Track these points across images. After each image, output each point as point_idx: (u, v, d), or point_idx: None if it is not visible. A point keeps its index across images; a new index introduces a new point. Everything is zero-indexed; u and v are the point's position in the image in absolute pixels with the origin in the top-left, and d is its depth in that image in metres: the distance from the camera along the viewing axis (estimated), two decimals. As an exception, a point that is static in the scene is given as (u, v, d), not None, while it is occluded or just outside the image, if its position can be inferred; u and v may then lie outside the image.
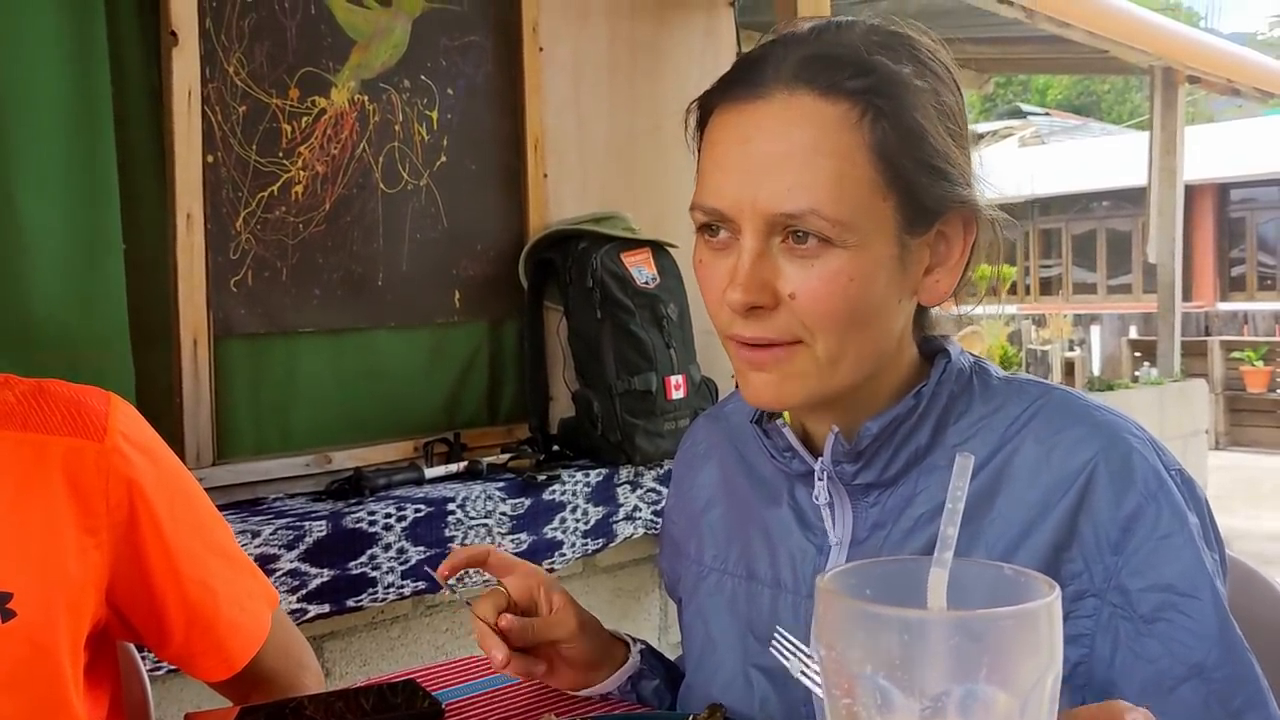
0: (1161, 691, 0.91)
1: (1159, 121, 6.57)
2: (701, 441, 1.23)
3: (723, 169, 0.95)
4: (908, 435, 1.00)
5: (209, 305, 2.40)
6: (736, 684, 1.08)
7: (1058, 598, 0.56)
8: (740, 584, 1.11)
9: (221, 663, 1.21)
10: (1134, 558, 0.93)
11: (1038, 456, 0.97)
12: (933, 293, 1.01)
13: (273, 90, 2.50)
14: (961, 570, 0.59)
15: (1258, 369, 12.20)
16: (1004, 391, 1.02)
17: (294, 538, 2.21)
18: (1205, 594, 0.92)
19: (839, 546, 1.03)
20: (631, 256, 2.88)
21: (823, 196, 0.91)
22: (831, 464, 1.01)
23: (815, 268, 0.93)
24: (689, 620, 1.18)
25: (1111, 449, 0.96)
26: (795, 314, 0.94)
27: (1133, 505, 0.94)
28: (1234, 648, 0.92)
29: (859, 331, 0.95)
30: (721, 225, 0.97)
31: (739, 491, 1.14)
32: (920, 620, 0.54)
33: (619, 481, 2.81)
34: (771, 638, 1.06)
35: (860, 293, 0.94)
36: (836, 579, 0.59)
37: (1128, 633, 0.92)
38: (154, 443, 1.19)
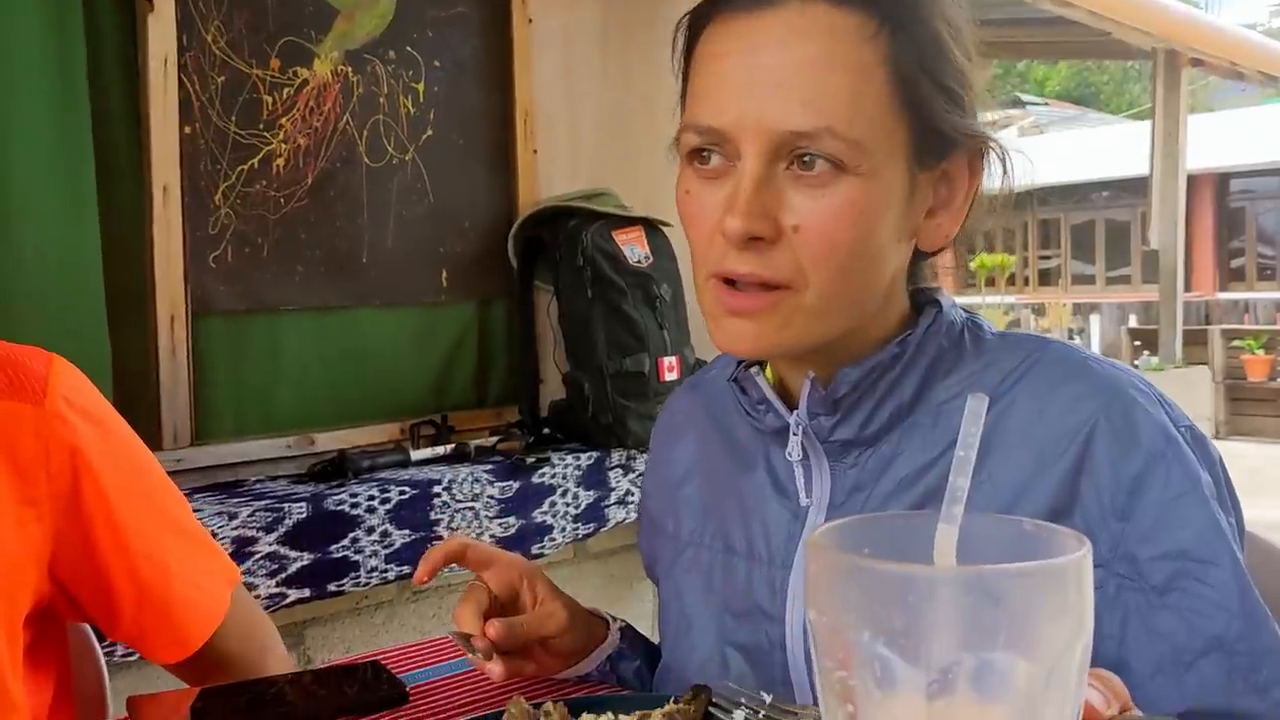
0: (1179, 668, 0.83)
1: (1161, 106, 6.50)
2: (679, 413, 1.16)
3: (724, 83, 0.87)
4: (890, 387, 0.92)
5: (186, 281, 2.32)
6: (713, 663, 1.01)
7: (1088, 554, 0.48)
8: (717, 558, 1.03)
9: (176, 643, 1.13)
10: (1142, 522, 0.85)
11: (1032, 414, 0.89)
12: (933, 237, 0.93)
13: (253, 60, 2.42)
14: (974, 526, 0.52)
15: (1259, 357, 12.13)
16: (997, 346, 0.95)
17: (273, 520, 2.14)
18: (1224, 559, 0.84)
19: (815, 509, 0.95)
20: (623, 234, 2.80)
21: (837, 114, 0.83)
22: (808, 417, 0.93)
23: (825, 197, 0.85)
24: (665, 598, 1.10)
25: (1114, 404, 0.88)
26: (795, 251, 0.86)
27: (1139, 465, 0.86)
28: (1257, 618, 0.84)
29: (856, 275, 0.88)
30: (716, 149, 0.88)
31: (716, 462, 1.06)
32: (928, 577, 0.46)
33: (611, 465, 2.74)
34: (748, 613, 0.98)
35: (868, 227, 0.86)
36: (828, 535, 0.51)
37: (1139, 606, 0.85)
38: (100, 408, 1.11)
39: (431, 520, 2.37)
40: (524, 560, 1.07)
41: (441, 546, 1.03)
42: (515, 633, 0.98)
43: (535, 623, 1.01)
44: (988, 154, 0.93)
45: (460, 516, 2.42)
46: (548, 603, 1.04)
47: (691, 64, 0.92)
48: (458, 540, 1.04)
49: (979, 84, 0.92)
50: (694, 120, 0.89)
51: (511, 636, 0.97)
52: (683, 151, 0.91)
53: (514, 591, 1.04)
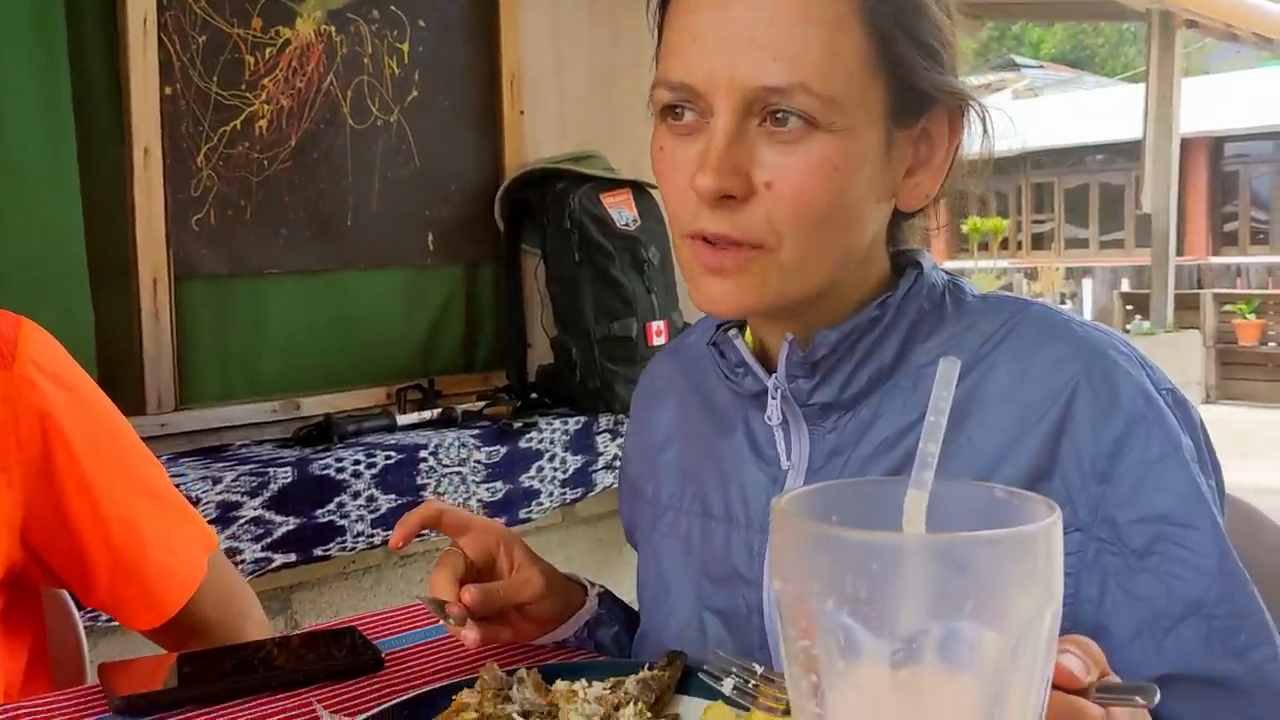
0: (1157, 632, 0.82)
1: (1156, 68, 6.46)
2: (660, 378, 1.14)
3: (696, 39, 0.84)
4: (870, 350, 0.90)
5: (169, 244, 2.30)
6: (691, 628, 1.00)
7: (1058, 521, 0.47)
8: (695, 522, 1.02)
9: (151, 609, 1.12)
10: (1122, 486, 0.84)
11: (1013, 376, 0.88)
12: (912, 196, 0.91)
13: (234, 19, 2.38)
14: (944, 492, 0.50)
15: (1250, 321, 12.14)
16: (978, 309, 0.93)
17: (258, 484, 2.13)
18: (1204, 523, 0.83)
19: (794, 472, 0.94)
20: (611, 197, 2.77)
21: (811, 70, 0.81)
22: (786, 380, 0.92)
23: (797, 154, 0.83)
24: (644, 563, 1.09)
25: (1094, 366, 0.87)
26: (767, 209, 0.84)
27: (1119, 428, 0.85)
28: (1236, 581, 0.83)
29: (831, 233, 0.86)
30: (689, 106, 0.86)
31: (695, 426, 1.05)
32: (893, 545, 0.45)
33: (598, 430, 2.73)
34: (726, 578, 0.97)
35: (842, 185, 0.84)
36: (795, 501, 0.50)
37: (1118, 570, 0.84)
38: (71, 372, 1.10)
39: (418, 485, 2.36)
40: (501, 526, 1.06)
41: (417, 512, 1.01)
42: (491, 599, 0.97)
43: (511, 589, 1.00)
44: (968, 112, 0.91)
45: (447, 481, 2.41)
46: (524, 569, 1.02)
47: (665, 19, 0.90)
48: (434, 505, 1.02)
49: (960, 42, 0.90)
50: (666, 76, 0.87)
51: (487, 603, 0.96)
52: (656, 108, 0.89)
53: (490, 557, 1.03)
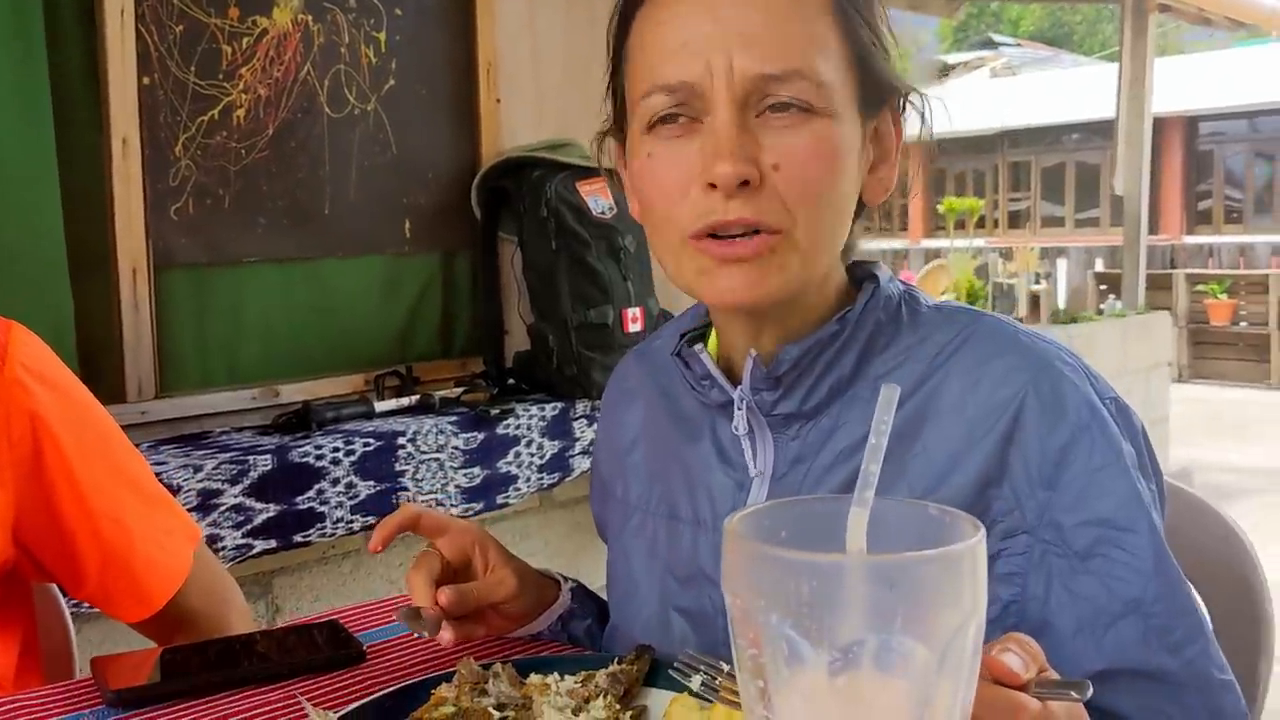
0: (1098, 628, 0.87)
1: (1128, 51, 6.50)
2: (629, 378, 1.18)
3: (685, 41, 0.88)
4: (830, 363, 0.95)
5: (148, 234, 2.32)
6: (657, 626, 1.04)
7: (982, 540, 0.51)
8: (662, 524, 1.06)
9: (139, 602, 1.16)
10: (1067, 492, 0.89)
11: (964, 387, 0.92)
12: (875, 190, 0.97)
13: (211, 9, 2.40)
14: (884, 510, 0.55)
15: (1221, 302, 12.26)
16: (932, 320, 0.97)
17: (238, 472, 2.16)
18: (1142, 527, 0.88)
19: (760, 479, 0.98)
20: (587, 185, 2.80)
21: (804, 59, 0.87)
22: (751, 392, 0.96)
23: (800, 135, 0.87)
24: (614, 560, 1.13)
25: (1041, 378, 0.91)
26: (779, 190, 0.87)
27: (1065, 437, 0.89)
28: (1171, 581, 0.88)
29: (833, 215, 0.91)
30: (682, 109, 0.89)
31: (662, 430, 1.09)
32: (831, 564, 0.49)
33: (575, 415, 2.76)
34: (692, 578, 1.01)
35: (839, 167, 0.90)
36: (746, 521, 0.54)
37: (1062, 570, 0.89)
38: (59, 373, 1.13)
39: (396, 471, 2.40)
40: (477, 527, 1.10)
41: (395, 516, 1.05)
42: (466, 599, 1.01)
43: (486, 589, 1.04)
44: (906, 105, 0.96)
45: (425, 468, 2.45)
46: (498, 569, 1.06)
47: (631, 42, 0.94)
48: (411, 508, 1.06)
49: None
50: (661, 78, 0.89)
51: (462, 603, 1.00)
52: (641, 122, 0.91)
53: (466, 558, 1.07)
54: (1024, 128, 16.68)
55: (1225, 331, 12.27)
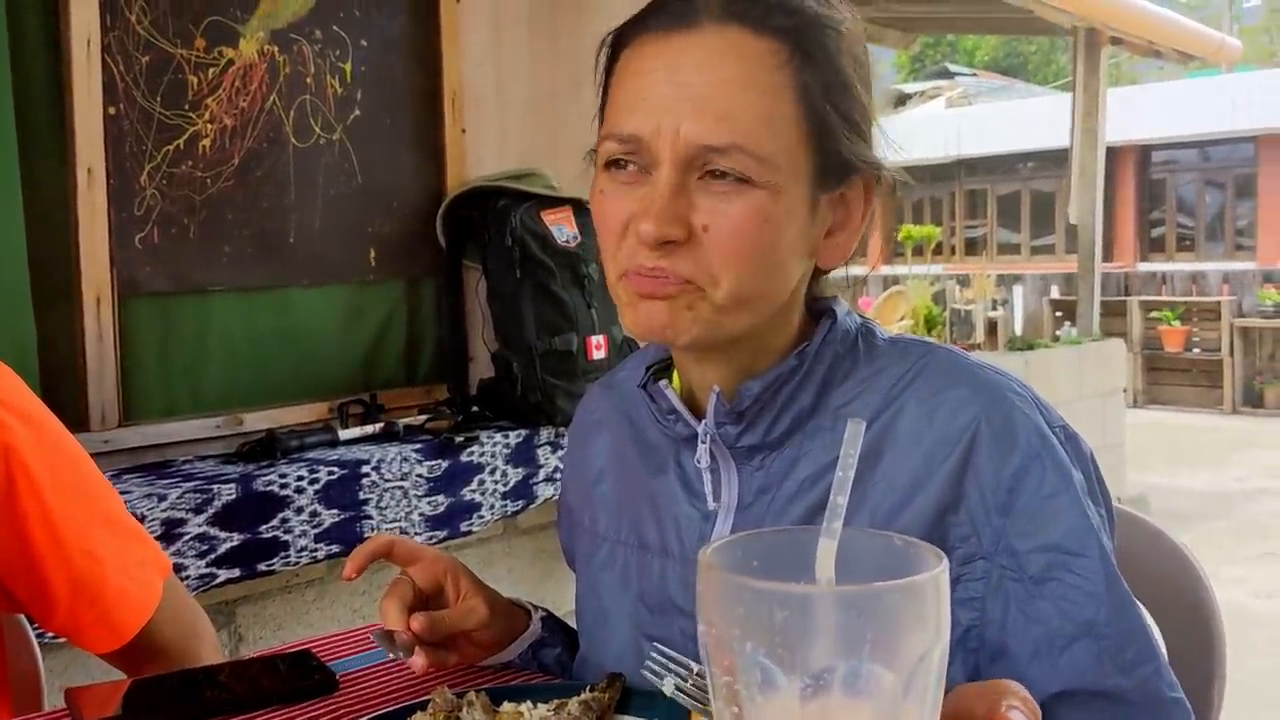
0: (1054, 650, 0.90)
1: (1081, 83, 6.62)
2: (594, 411, 1.20)
3: (645, 98, 0.92)
4: (790, 396, 0.98)
5: (113, 263, 2.32)
6: (628, 654, 1.06)
7: (945, 570, 0.53)
8: (632, 554, 1.08)
9: (110, 633, 1.17)
10: (1021, 518, 0.92)
11: (920, 418, 0.96)
12: (831, 255, 0.99)
13: (177, 40, 2.41)
14: (851, 540, 0.57)
15: (1175, 328, 12.46)
16: (888, 353, 1.01)
17: (202, 501, 2.16)
18: (1093, 552, 0.91)
19: (724, 511, 1.01)
20: (552, 214, 2.83)
21: (750, 133, 0.89)
22: (714, 426, 0.99)
23: (733, 203, 0.90)
24: (583, 592, 1.15)
25: (993, 409, 0.95)
26: (704, 250, 0.91)
27: (1017, 465, 0.93)
28: (1123, 603, 0.92)
29: (760, 278, 0.93)
30: (633, 158, 0.93)
31: (628, 461, 1.11)
32: (801, 595, 0.52)
33: (539, 443, 2.78)
34: (663, 608, 1.03)
35: (772, 236, 0.92)
36: (720, 552, 0.56)
37: (1018, 594, 0.92)
38: (33, 407, 1.14)
39: (360, 500, 2.40)
40: (449, 556, 1.12)
41: (368, 544, 1.07)
42: (438, 627, 1.03)
43: (457, 617, 1.06)
44: (881, 181, 0.98)
45: (389, 496, 2.45)
46: (470, 598, 1.08)
47: (613, 80, 0.97)
48: (384, 537, 1.08)
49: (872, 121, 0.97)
50: (616, 129, 0.93)
51: (434, 630, 1.02)
52: (601, 160, 0.96)
53: (438, 586, 1.08)
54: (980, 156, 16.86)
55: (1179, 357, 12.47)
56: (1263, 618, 5.06)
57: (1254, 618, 5.02)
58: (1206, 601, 1.25)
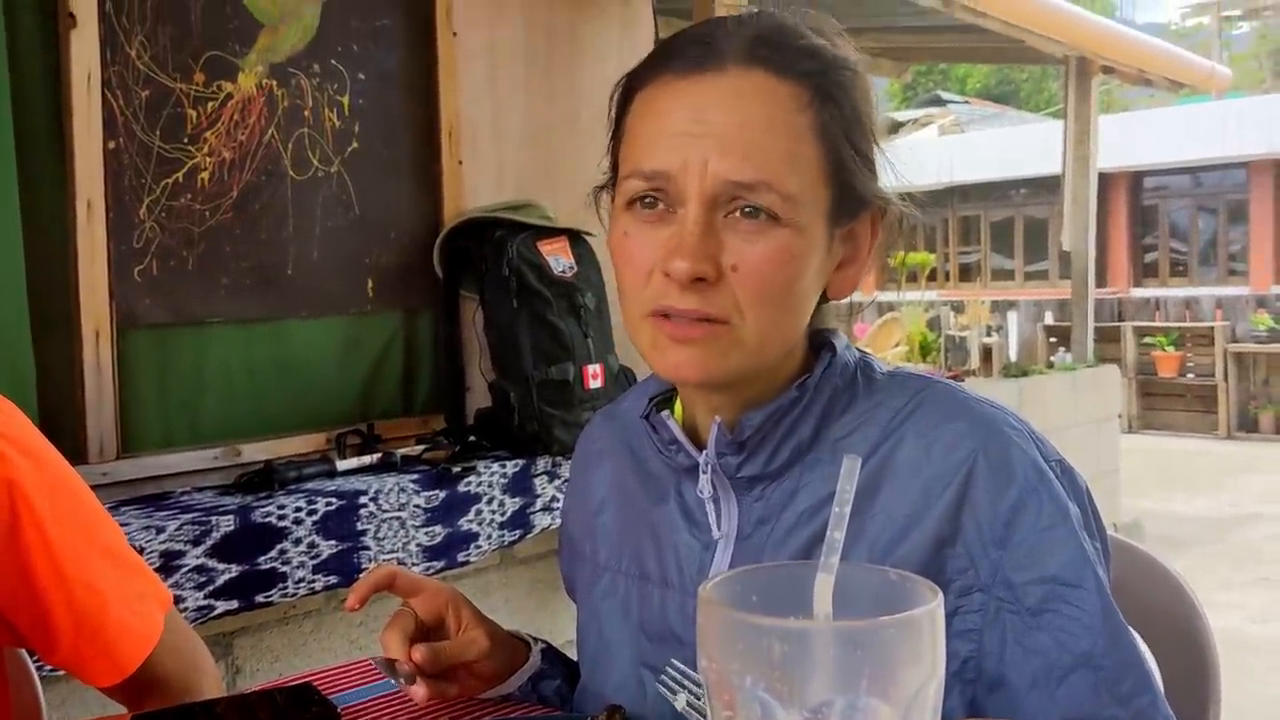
0: (1051, 682, 0.91)
1: (1073, 111, 6.67)
2: (596, 440, 1.22)
3: (672, 135, 0.93)
4: (790, 428, 0.99)
5: (112, 295, 2.34)
6: (629, 685, 1.07)
7: (940, 604, 0.55)
8: (633, 584, 1.09)
9: (112, 667, 1.17)
10: (1018, 551, 0.93)
11: (918, 451, 0.97)
12: (840, 287, 1.01)
13: (177, 74, 2.43)
14: (847, 575, 0.58)
15: (1169, 354, 12.50)
16: (886, 386, 1.02)
17: (200, 533, 2.16)
18: (1089, 584, 0.92)
19: (724, 541, 1.02)
20: (548, 245, 2.85)
21: (776, 171, 0.91)
22: (715, 456, 1.00)
23: (760, 243, 0.92)
24: (584, 621, 1.16)
25: (990, 442, 0.96)
26: (733, 288, 0.93)
27: (1014, 498, 0.94)
28: (1119, 635, 0.92)
29: (784, 315, 0.96)
30: (659, 196, 0.94)
31: (630, 490, 1.13)
32: (800, 630, 0.53)
33: (536, 472, 2.79)
34: (663, 638, 1.04)
35: (797, 273, 0.94)
36: (719, 588, 0.57)
37: (1015, 626, 0.93)
38: (35, 441, 1.14)
39: (358, 531, 2.41)
40: (450, 588, 1.13)
41: (371, 575, 1.08)
42: (439, 658, 1.04)
43: (458, 649, 1.07)
44: (888, 214, 1.00)
45: (387, 526, 2.46)
46: (470, 629, 1.09)
47: (629, 121, 0.99)
48: (387, 568, 1.09)
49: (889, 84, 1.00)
50: (640, 166, 0.95)
51: (435, 661, 1.03)
52: (623, 199, 0.97)
53: (440, 617, 1.09)
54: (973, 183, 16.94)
55: (1173, 383, 12.50)
56: (1259, 643, 5.06)
57: (1250, 643, 5.02)
58: (1201, 630, 1.26)
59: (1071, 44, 6.07)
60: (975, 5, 4.98)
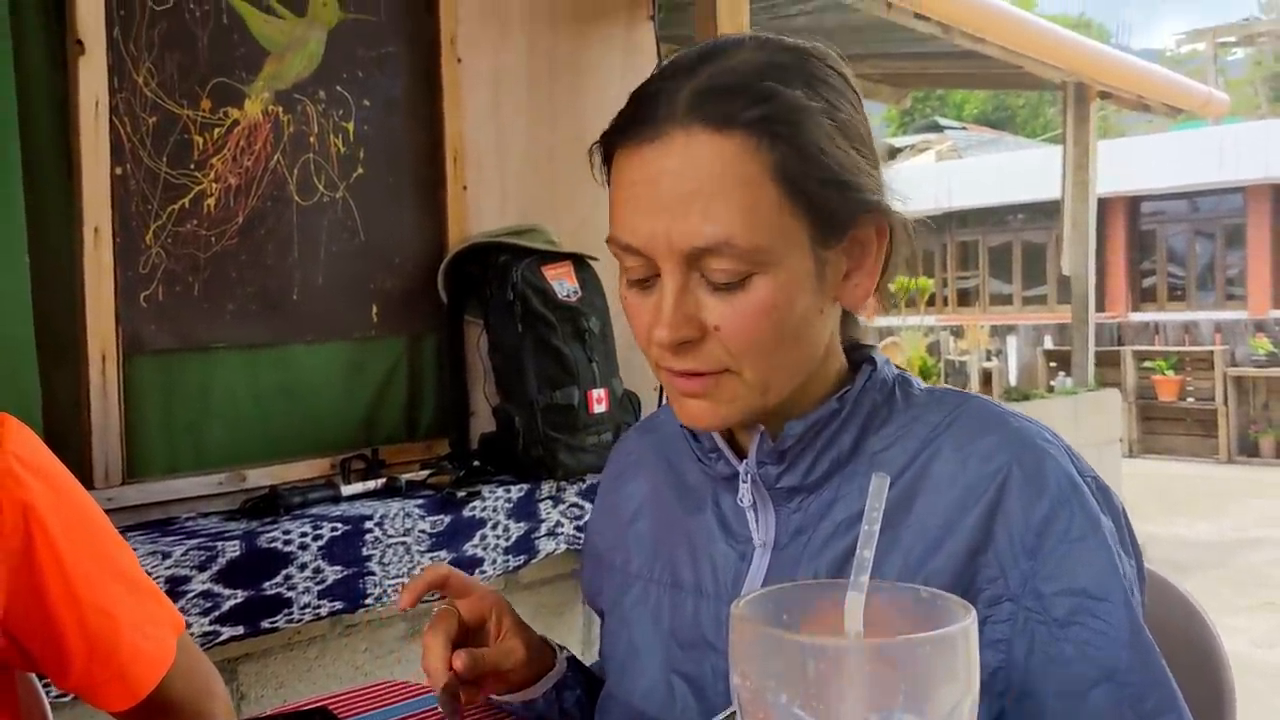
0: (1076, 696, 0.91)
1: (1072, 136, 6.70)
2: (631, 453, 1.23)
3: (634, 209, 0.94)
4: (830, 440, 1.00)
5: (118, 321, 2.34)
6: (659, 691, 1.07)
7: (974, 621, 0.54)
8: (665, 592, 1.10)
9: (125, 691, 1.16)
10: (1048, 562, 0.93)
11: (954, 463, 0.97)
12: (853, 296, 1.01)
13: (184, 101, 2.44)
14: (879, 593, 0.58)
15: (1169, 378, 12.51)
16: (924, 401, 1.03)
17: (206, 558, 2.16)
18: (1117, 597, 0.92)
19: (762, 549, 1.03)
20: (553, 269, 2.85)
21: (736, 226, 0.91)
22: (756, 466, 1.02)
23: (738, 301, 0.93)
24: (613, 629, 1.16)
25: (1025, 455, 0.96)
26: (722, 343, 0.94)
27: (1046, 510, 0.94)
28: (1146, 652, 0.92)
29: (786, 353, 0.96)
30: (638, 266, 0.96)
31: (666, 501, 1.14)
32: (835, 647, 0.53)
33: (541, 497, 2.78)
34: (695, 644, 1.04)
35: (783, 317, 0.94)
36: (752, 605, 0.57)
37: (1042, 637, 0.92)
38: (51, 465, 1.14)
39: (364, 556, 2.40)
40: (496, 593, 1.14)
41: (425, 575, 1.09)
42: (478, 666, 1.05)
43: (496, 658, 1.08)
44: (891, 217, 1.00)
45: (392, 551, 2.45)
46: (509, 639, 1.10)
47: (611, 179, 0.99)
48: (441, 568, 1.10)
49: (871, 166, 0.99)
50: (615, 237, 0.97)
51: (474, 670, 1.04)
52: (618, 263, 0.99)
53: (483, 621, 1.10)
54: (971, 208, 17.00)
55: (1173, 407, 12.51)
56: (1264, 667, 5.05)
57: (1256, 668, 5.01)
58: (1216, 651, 1.25)
59: (1070, 69, 6.10)
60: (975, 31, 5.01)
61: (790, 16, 4.80)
